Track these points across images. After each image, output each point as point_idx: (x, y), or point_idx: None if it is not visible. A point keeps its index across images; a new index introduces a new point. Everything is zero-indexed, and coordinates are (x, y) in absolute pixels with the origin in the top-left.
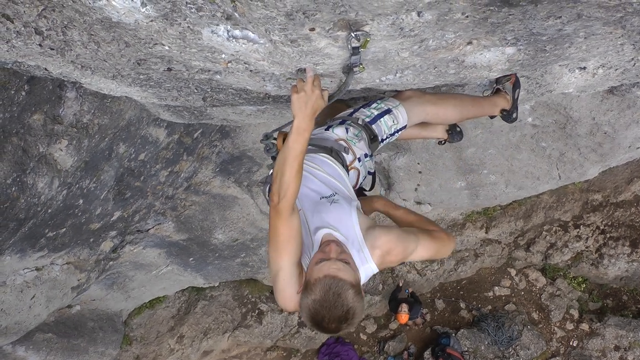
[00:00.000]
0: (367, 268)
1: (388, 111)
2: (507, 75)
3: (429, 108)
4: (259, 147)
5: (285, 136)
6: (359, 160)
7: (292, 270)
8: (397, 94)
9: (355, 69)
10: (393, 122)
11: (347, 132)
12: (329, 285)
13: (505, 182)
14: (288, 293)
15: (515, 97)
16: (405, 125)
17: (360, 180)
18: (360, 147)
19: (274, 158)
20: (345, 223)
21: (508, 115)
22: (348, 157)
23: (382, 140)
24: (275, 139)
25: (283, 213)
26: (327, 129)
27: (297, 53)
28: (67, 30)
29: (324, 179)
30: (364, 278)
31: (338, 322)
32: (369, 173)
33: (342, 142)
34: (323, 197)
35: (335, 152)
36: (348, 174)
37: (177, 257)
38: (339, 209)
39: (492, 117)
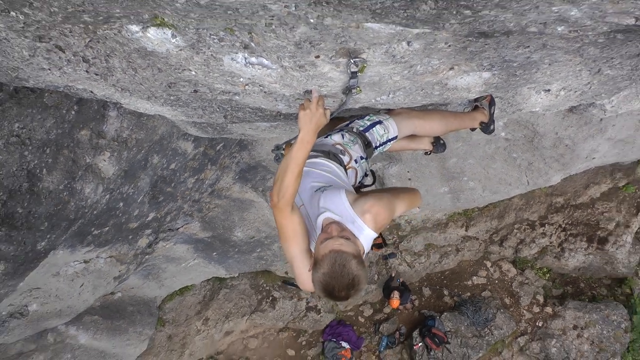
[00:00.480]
0: (366, 235)
1: (379, 122)
2: (484, 95)
3: (417, 122)
4: (272, 157)
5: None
6: (355, 161)
7: (304, 257)
8: (389, 111)
9: (353, 91)
10: (384, 131)
11: (342, 137)
12: (334, 258)
13: (482, 187)
14: (304, 276)
15: (492, 112)
16: (396, 136)
17: (359, 178)
18: (356, 150)
19: None
20: (337, 203)
21: (486, 127)
22: (345, 158)
23: (376, 147)
24: (284, 149)
25: (284, 211)
26: (325, 137)
27: (305, 77)
28: (109, 58)
29: (319, 175)
30: (366, 246)
31: (347, 290)
32: (366, 174)
33: (338, 146)
34: (317, 190)
35: (332, 154)
36: (347, 173)
37: (202, 252)
38: (330, 194)
39: (472, 129)
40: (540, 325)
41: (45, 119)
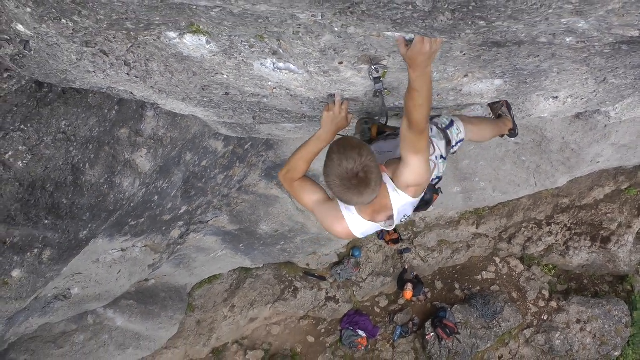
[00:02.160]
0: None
1: (452, 123)
2: (498, 103)
3: (473, 128)
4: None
5: (378, 127)
6: (436, 157)
7: (322, 204)
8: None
9: (383, 93)
10: (457, 131)
11: (431, 131)
12: (336, 142)
13: (492, 188)
14: (329, 220)
15: (513, 116)
16: (463, 139)
17: (434, 175)
18: (440, 147)
19: (367, 141)
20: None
21: (513, 132)
22: (429, 151)
23: (453, 146)
24: (370, 127)
25: (286, 183)
26: None
27: (329, 82)
28: (148, 62)
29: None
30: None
31: (358, 165)
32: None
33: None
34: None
35: None
36: None
37: (230, 243)
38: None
39: (501, 136)
40: (545, 318)
41: (89, 118)
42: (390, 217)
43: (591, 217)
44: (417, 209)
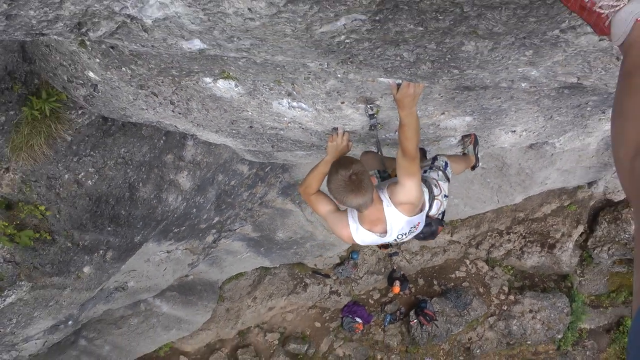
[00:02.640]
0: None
1: (447, 164)
2: (469, 136)
3: (453, 165)
4: None
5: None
6: (442, 197)
7: (332, 213)
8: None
9: (378, 126)
10: (450, 169)
11: (437, 175)
12: (336, 160)
13: (464, 204)
14: (337, 227)
15: (476, 152)
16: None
17: (441, 210)
18: (444, 187)
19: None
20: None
21: (474, 167)
22: (436, 190)
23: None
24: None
25: (305, 196)
26: (424, 172)
27: (333, 117)
28: (189, 102)
29: None
30: (389, 220)
31: (350, 171)
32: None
33: (433, 180)
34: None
35: (427, 183)
36: (433, 203)
37: (253, 247)
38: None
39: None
40: (505, 309)
41: (142, 146)
42: (385, 230)
43: (541, 227)
44: (425, 238)
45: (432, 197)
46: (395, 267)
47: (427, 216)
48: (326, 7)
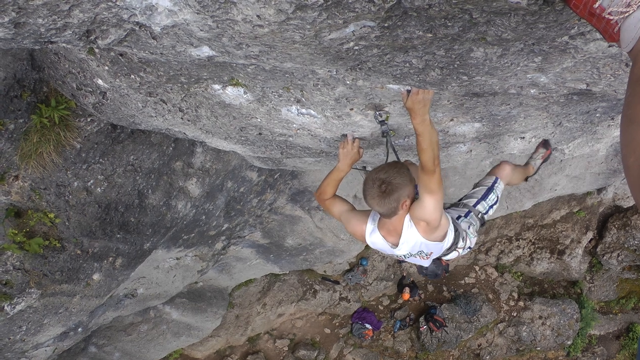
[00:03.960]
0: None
1: (497, 200)
2: (544, 149)
3: (513, 178)
4: (316, 184)
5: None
6: (464, 249)
7: (347, 213)
8: (499, 171)
9: (389, 133)
10: (497, 206)
11: (469, 228)
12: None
13: None
14: (352, 223)
15: (540, 166)
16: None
17: (452, 257)
18: (471, 241)
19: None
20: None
21: (528, 179)
22: (460, 244)
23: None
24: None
25: (321, 201)
26: (458, 217)
27: (342, 124)
28: (198, 109)
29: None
30: (405, 238)
31: (387, 178)
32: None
33: (464, 232)
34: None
35: (457, 232)
36: (450, 252)
37: (262, 254)
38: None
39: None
40: (514, 315)
41: (152, 153)
42: (397, 243)
43: (550, 234)
44: (427, 275)
45: (454, 246)
46: (404, 274)
47: (439, 259)
48: (335, 14)
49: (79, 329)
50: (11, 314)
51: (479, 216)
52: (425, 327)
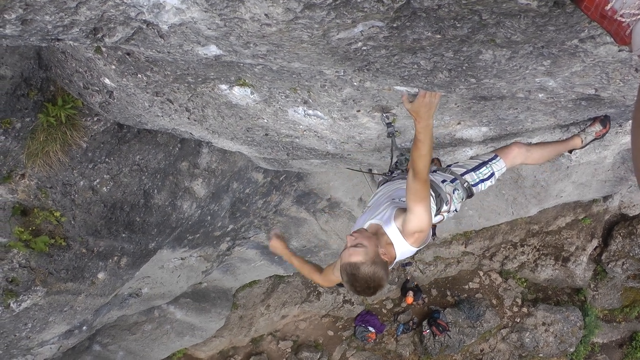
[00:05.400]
0: (405, 250)
1: (491, 175)
2: (598, 127)
3: (528, 163)
4: (322, 187)
5: None
6: (448, 212)
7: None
8: (503, 151)
9: (395, 134)
10: (491, 183)
11: (454, 192)
12: (346, 269)
13: (478, 215)
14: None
15: (588, 143)
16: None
17: (437, 220)
18: (456, 206)
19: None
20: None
21: (572, 150)
22: (444, 208)
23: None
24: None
25: (325, 280)
26: (443, 181)
27: (348, 126)
28: (204, 108)
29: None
30: (400, 254)
31: (366, 289)
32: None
33: (448, 196)
34: (394, 200)
35: (440, 197)
36: (436, 215)
37: (267, 255)
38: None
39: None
40: (518, 321)
41: (158, 153)
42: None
43: (555, 240)
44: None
45: (438, 211)
46: (408, 277)
47: None
48: (343, 14)
49: (84, 328)
50: (17, 311)
51: (465, 186)
52: (428, 331)
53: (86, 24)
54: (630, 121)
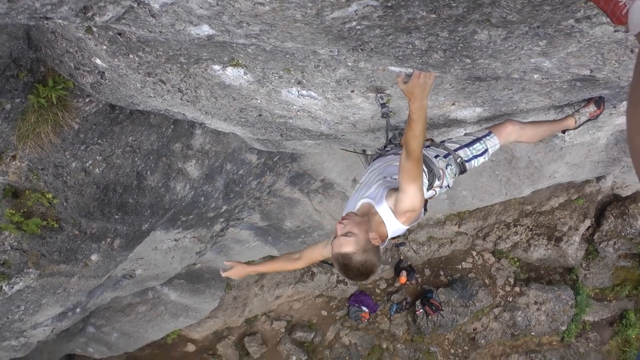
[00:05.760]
0: (397, 228)
1: (485, 151)
2: (592, 107)
3: (522, 141)
4: (315, 168)
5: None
6: (441, 187)
7: (323, 247)
8: (497, 128)
9: (389, 115)
10: (484, 160)
11: (447, 167)
12: (337, 258)
13: (472, 195)
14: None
15: (582, 124)
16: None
17: (429, 195)
18: (448, 181)
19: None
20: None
21: (565, 131)
22: (437, 183)
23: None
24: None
25: (306, 262)
26: (436, 156)
27: (342, 106)
28: (197, 89)
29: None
30: (392, 232)
31: (359, 276)
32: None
33: (440, 171)
34: (386, 178)
35: (432, 173)
36: (428, 190)
37: (260, 236)
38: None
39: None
40: (510, 300)
41: (150, 134)
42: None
43: (548, 221)
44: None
45: (430, 186)
46: (402, 257)
47: None
48: None
49: (77, 310)
50: (9, 293)
51: (459, 161)
52: (421, 310)
53: (75, 2)
54: (624, 102)
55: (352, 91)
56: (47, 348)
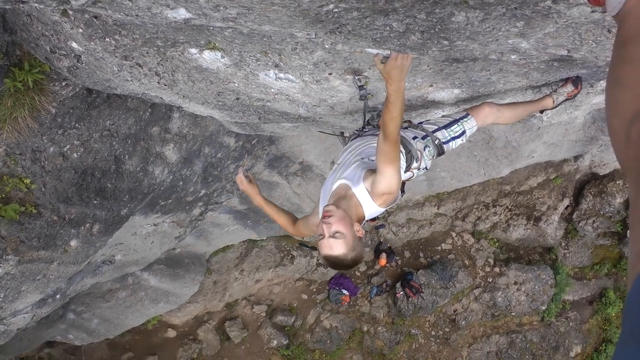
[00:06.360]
0: (373, 210)
1: (462, 133)
2: (570, 87)
3: (499, 122)
4: (294, 150)
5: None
6: (419, 169)
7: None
8: (474, 110)
9: (367, 97)
10: (462, 142)
11: (424, 149)
12: (327, 259)
13: (450, 176)
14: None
15: (560, 103)
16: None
17: (407, 177)
18: (426, 163)
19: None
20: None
21: (544, 111)
22: (414, 164)
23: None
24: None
25: (298, 231)
26: (414, 138)
27: (320, 89)
28: (174, 73)
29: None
30: (369, 214)
31: (348, 269)
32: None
33: (418, 153)
34: (363, 159)
35: (410, 154)
36: (406, 172)
37: (240, 220)
38: (361, 170)
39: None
40: (490, 281)
41: (128, 118)
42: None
43: (527, 200)
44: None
45: (408, 168)
46: (381, 240)
47: None
48: None
49: (57, 296)
50: None
51: (437, 143)
52: (401, 293)
53: None
54: (601, 81)
55: (330, 74)
56: (27, 335)
